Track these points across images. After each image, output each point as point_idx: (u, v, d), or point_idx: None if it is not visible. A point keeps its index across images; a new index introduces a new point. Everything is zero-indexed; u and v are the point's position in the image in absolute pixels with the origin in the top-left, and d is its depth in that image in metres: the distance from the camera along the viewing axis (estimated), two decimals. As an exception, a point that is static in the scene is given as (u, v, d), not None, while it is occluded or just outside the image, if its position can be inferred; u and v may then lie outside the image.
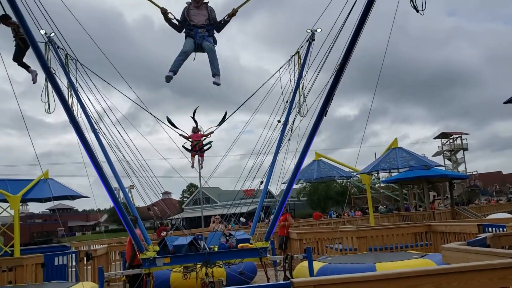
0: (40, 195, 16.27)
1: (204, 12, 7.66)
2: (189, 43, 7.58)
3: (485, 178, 69.99)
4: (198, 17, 7.60)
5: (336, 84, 7.65)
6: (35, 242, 62.09)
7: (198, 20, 7.60)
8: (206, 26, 7.62)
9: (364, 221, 27.71)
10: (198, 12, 7.62)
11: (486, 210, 35.13)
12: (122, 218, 8.12)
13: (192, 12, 7.60)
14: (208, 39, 7.65)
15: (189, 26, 7.57)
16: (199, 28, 7.56)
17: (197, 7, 7.63)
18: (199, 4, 7.64)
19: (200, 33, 7.56)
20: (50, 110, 10.04)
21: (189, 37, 7.62)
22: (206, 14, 7.66)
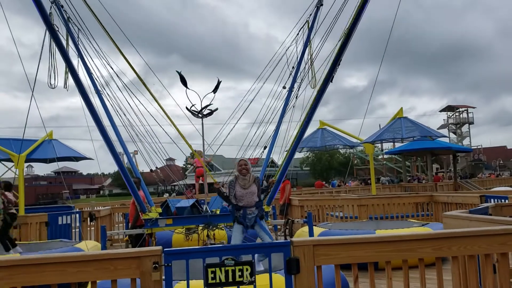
0: (44, 155, 16.34)
1: (253, 189, 6.75)
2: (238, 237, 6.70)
3: (490, 153, 69.91)
4: (247, 198, 6.71)
5: (344, 48, 7.55)
6: (40, 203, 62.92)
7: (247, 201, 6.70)
8: (256, 204, 6.76)
9: (365, 191, 27.83)
10: (246, 193, 6.70)
11: (489, 184, 35.16)
12: (125, 178, 8.17)
13: (239, 192, 6.71)
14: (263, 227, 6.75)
15: (237, 206, 6.72)
16: (248, 209, 6.71)
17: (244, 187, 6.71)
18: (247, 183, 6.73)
19: (249, 215, 6.67)
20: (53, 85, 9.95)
21: (238, 222, 6.74)
22: (255, 190, 6.77)
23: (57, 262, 3.62)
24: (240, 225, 6.70)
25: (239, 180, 6.76)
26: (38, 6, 6.93)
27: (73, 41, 10.61)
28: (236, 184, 6.77)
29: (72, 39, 10.60)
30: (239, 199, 6.71)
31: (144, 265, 3.64)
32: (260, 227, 6.74)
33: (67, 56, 7.74)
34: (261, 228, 6.74)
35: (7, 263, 3.59)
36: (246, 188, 6.72)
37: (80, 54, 10.59)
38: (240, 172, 6.77)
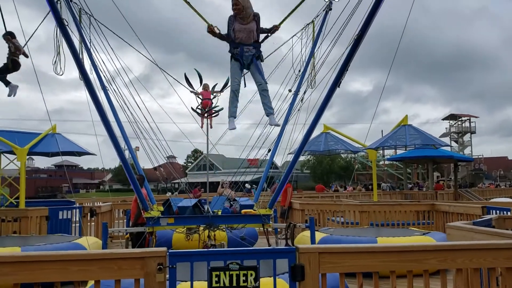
0: (47, 149, 16.35)
1: (252, 26, 6.81)
2: (236, 76, 6.89)
3: (490, 163, 69.84)
4: (244, 34, 6.80)
5: (353, 54, 7.52)
6: (40, 196, 62.99)
7: (244, 38, 6.80)
8: (253, 44, 6.86)
9: (366, 197, 27.79)
10: (244, 29, 6.79)
11: (489, 194, 35.09)
12: (129, 175, 8.16)
13: (237, 27, 6.78)
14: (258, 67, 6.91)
15: (234, 43, 6.80)
16: (245, 46, 6.81)
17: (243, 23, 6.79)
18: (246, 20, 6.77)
19: (246, 52, 6.81)
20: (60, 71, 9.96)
21: (234, 59, 6.89)
22: (253, 29, 6.82)
23: (60, 260, 3.59)
24: (237, 62, 6.82)
25: (237, 19, 6.78)
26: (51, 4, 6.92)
27: (80, 35, 10.62)
28: (235, 21, 6.78)
29: (79, 32, 10.61)
30: (237, 32, 6.74)
31: (148, 266, 3.62)
32: (256, 67, 6.84)
33: (75, 49, 7.73)
34: (256, 69, 6.84)
35: (8, 259, 3.57)
36: (245, 24, 6.74)
37: (88, 49, 10.61)
38: (234, 12, 6.72)
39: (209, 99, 9.60)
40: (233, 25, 6.78)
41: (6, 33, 8.97)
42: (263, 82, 6.94)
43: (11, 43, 9.17)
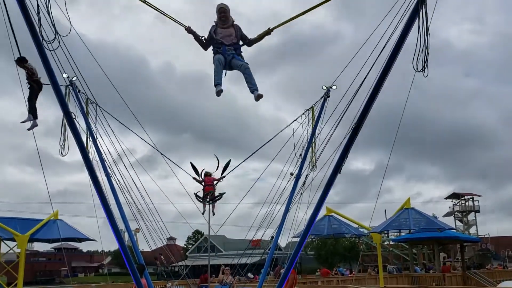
0: (48, 235, 16.22)
1: (231, 30, 7.62)
2: (219, 57, 7.49)
3: (498, 242, 68.30)
4: (225, 37, 7.56)
5: (352, 142, 7.69)
6: (37, 281, 61.24)
7: (225, 40, 7.55)
8: (234, 45, 7.59)
9: (371, 280, 26.98)
10: (225, 31, 7.58)
11: (499, 276, 34.01)
12: (129, 266, 8.02)
13: (219, 31, 7.55)
14: (238, 58, 7.60)
15: (217, 44, 7.53)
16: (227, 46, 7.51)
17: (224, 27, 7.60)
18: (226, 25, 7.61)
19: (228, 52, 7.51)
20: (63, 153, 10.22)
21: (218, 54, 7.54)
22: (233, 32, 7.62)
23: None
24: (220, 55, 7.41)
25: (219, 23, 7.56)
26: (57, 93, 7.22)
27: (86, 123, 10.95)
28: (217, 26, 7.56)
29: (85, 120, 10.96)
30: (219, 36, 7.50)
31: None
32: (236, 59, 7.46)
33: (81, 140, 7.93)
34: (237, 58, 7.45)
35: None
36: (225, 28, 7.53)
37: (93, 135, 10.90)
38: (220, 19, 7.52)
39: (211, 185, 9.70)
40: (215, 29, 7.58)
41: (19, 59, 9.12)
42: (244, 63, 7.54)
43: (26, 69, 9.40)
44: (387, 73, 6.82)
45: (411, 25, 6.34)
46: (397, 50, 6.61)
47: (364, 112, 7.31)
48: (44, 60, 6.61)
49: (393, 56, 6.66)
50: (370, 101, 7.15)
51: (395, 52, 6.64)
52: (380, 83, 6.93)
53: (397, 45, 6.59)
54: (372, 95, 7.08)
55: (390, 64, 6.72)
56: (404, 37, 6.49)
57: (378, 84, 6.94)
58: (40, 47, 6.46)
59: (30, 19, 6.31)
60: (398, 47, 6.58)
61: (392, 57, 6.67)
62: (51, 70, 6.75)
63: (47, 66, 6.69)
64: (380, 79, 6.90)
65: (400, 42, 6.55)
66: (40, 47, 6.46)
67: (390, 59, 6.69)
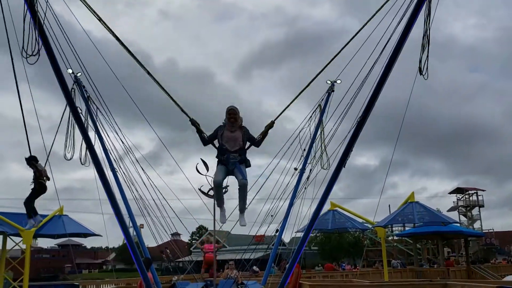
0: (53, 231, 16.30)
1: (238, 134, 7.50)
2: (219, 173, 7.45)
3: (502, 237, 68.19)
4: (231, 142, 7.45)
5: (356, 136, 7.69)
6: (41, 277, 61.54)
7: (231, 145, 7.42)
8: (239, 150, 7.46)
9: (376, 275, 27.01)
10: (231, 136, 7.45)
11: (503, 271, 33.97)
12: (136, 260, 8.06)
13: (226, 134, 7.45)
14: (240, 169, 7.45)
15: (222, 150, 7.42)
16: (232, 153, 7.40)
17: (231, 131, 7.47)
18: (234, 129, 7.48)
19: (232, 159, 7.41)
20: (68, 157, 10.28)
21: (221, 163, 7.49)
22: (239, 136, 7.50)
23: None
24: (223, 165, 7.43)
25: (227, 126, 7.51)
26: (63, 88, 7.24)
27: (92, 119, 10.98)
28: (225, 129, 7.52)
29: (90, 116, 10.98)
30: (225, 140, 7.46)
31: None
32: (238, 169, 7.39)
33: (88, 135, 7.96)
34: (239, 170, 7.39)
35: None
36: (233, 132, 7.47)
37: (98, 131, 10.93)
38: (229, 120, 7.48)
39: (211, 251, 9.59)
40: (222, 131, 7.50)
41: (30, 158, 9.55)
42: (244, 178, 7.42)
43: (34, 168, 9.73)
44: (390, 68, 6.82)
45: (415, 19, 6.32)
46: (400, 45, 6.60)
47: (369, 105, 7.31)
48: (50, 55, 6.62)
49: (397, 51, 6.65)
50: (375, 94, 7.15)
51: (398, 47, 6.63)
52: (384, 77, 6.93)
53: (400, 40, 6.58)
54: (377, 89, 7.08)
55: (394, 59, 6.72)
56: (407, 32, 6.49)
57: (383, 78, 6.94)
58: (47, 43, 6.47)
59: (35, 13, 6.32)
60: (401, 41, 6.58)
61: (395, 52, 6.66)
62: (57, 65, 6.76)
63: (52, 58, 6.69)
64: (384, 73, 6.90)
65: (403, 36, 6.54)
66: (46, 43, 6.46)
67: (394, 54, 6.69)
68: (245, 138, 7.56)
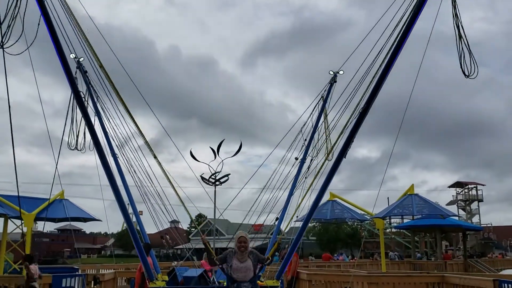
0: (54, 214, 16.38)
1: (248, 264, 7.18)
2: None
3: (500, 231, 68.44)
4: (242, 272, 7.14)
5: (358, 127, 7.72)
6: (41, 261, 61.87)
7: (242, 276, 7.13)
8: (250, 280, 7.19)
9: (373, 266, 27.18)
10: (241, 266, 7.14)
11: (500, 265, 34.18)
12: (136, 244, 8.14)
13: (235, 264, 7.14)
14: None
15: (232, 279, 7.15)
16: (243, 284, 7.14)
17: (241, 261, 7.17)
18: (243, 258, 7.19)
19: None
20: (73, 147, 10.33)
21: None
22: (250, 265, 7.19)
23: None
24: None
25: (237, 254, 7.15)
26: (68, 73, 7.26)
27: (93, 104, 11.00)
28: (234, 257, 7.16)
29: (92, 101, 11.01)
30: (234, 271, 7.09)
31: None
32: None
33: (90, 121, 8.00)
34: None
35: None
36: (242, 262, 7.11)
37: (99, 116, 10.97)
38: (239, 248, 7.14)
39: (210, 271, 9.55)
40: (232, 262, 7.18)
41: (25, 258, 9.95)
42: None
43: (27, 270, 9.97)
44: (394, 59, 6.82)
45: (420, 10, 6.33)
46: (404, 36, 6.60)
47: (371, 96, 7.33)
48: (54, 39, 6.63)
49: (401, 42, 6.66)
50: (377, 85, 7.16)
51: (403, 38, 6.63)
52: (387, 68, 6.93)
53: (404, 31, 6.59)
54: (380, 79, 7.09)
55: (397, 50, 6.72)
56: (411, 23, 6.49)
57: (386, 69, 6.95)
58: (51, 26, 6.48)
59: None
60: (406, 33, 6.58)
61: (399, 43, 6.67)
62: (61, 49, 6.77)
63: (57, 43, 6.70)
64: (388, 65, 6.91)
65: (407, 28, 6.55)
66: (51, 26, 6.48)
67: (398, 45, 6.69)
68: (255, 264, 7.28)
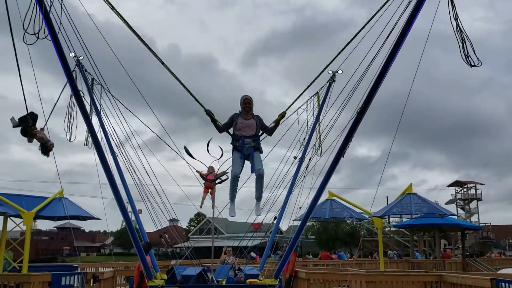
0: (53, 213, 16.43)
1: (252, 121, 7.77)
2: (236, 162, 7.69)
3: (499, 230, 68.59)
4: (246, 128, 7.72)
5: (356, 126, 7.74)
6: (40, 259, 62.00)
7: (246, 131, 7.72)
8: (253, 137, 7.74)
9: (372, 265, 27.27)
10: (246, 123, 7.73)
11: (498, 264, 34.29)
12: (135, 244, 8.17)
13: (240, 121, 7.72)
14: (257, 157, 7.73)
15: (236, 135, 7.71)
16: (246, 138, 7.68)
17: (246, 119, 7.76)
18: (248, 117, 7.77)
19: (247, 144, 7.69)
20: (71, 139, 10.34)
21: (236, 150, 7.76)
22: (254, 123, 7.78)
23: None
24: (238, 152, 7.69)
25: (242, 114, 7.79)
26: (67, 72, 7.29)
27: (93, 102, 11.01)
28: (239, 116, 7.79)
29: (92, 100, 11.02)
30: (239, 129, 7.72)
31: None
32: (254, 157, 7.64)
33: (89, 119, 8.02)
34: (255, 158, 7.65)
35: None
36: (247, 120, 7.75)
37: (99, 115, 10.98)
38: (244, 109, 7.77)
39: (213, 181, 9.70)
40: (236, 120, 7.75)
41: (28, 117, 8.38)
42: (261, 168, 7.69)
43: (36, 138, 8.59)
44: (392, 58, 6.84)
45: (419, 8, 6.34)
46: (403, 35, 6.62)
47: (369, 95, 7.34)
48: (54, 38, 6.65)
49: (399, 41, 6.67)
50: (376, 84, 7.17)
51: (401, 37, 6.65)
52: (386, 67, 6.95)
53: (403, 30, 6.60)
54: (378, 79, 7.11)
55: (396, 49, 6.73)
56: (410, 22, 6.50)
57: (384, 68, 6.97)
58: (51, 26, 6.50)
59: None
60: (404, 32, 6.59)
61: (398, 42, 6.68)
62: (61, 49, 6.79)
63: (56, 41, 6.72)
64: (386, 64, 6.92)
65: (406, 27, 6.56)
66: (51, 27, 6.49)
67: (396, 44, 6.70)
68: (259, 126, 7.82)
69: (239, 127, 7.71)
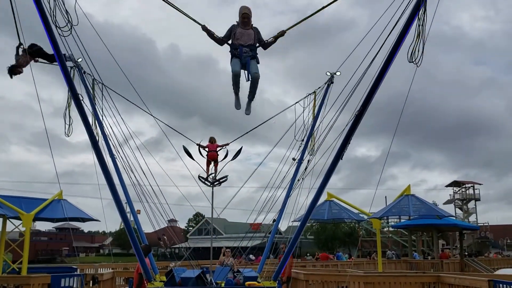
0: (52, 215, 16.46)
1: (250, 32, 7.96)
2: (236, 64, 7.87)
3: (497, 230, 68.68)
4: (244, 37, 7.91)
5: (354, 129, 7.77)
6: (39, 260, 61.95)
7: (244, 40, 7.91)
8: (250, 46, 7.92)
9: (370, 265, 27.30)
10: (244, 32, 7.92)
11: (496, 264, 34.33)
12: (134, 245, 8.20)
13: (239, 31, 7.90)
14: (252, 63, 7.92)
15: (234, 45, 7.88)
16: (244, 47, 7.86)
17: (244, 28, 7.95)
18: (248, 27, 7.95)
19: (244, 53, 7.87)
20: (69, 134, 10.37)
21: (235, 57, 7.93)
22: (252, 33, 7.97)
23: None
24: (237, 58, 7.82)
25: (240, 25, 7.91)
26: (66, 75, 7.33)
27: (92, 104, 11.04)
28: (238, 27, 7.90)
29: (91, 102, 11.04)
30: (237, 38, 7.86)
31: None
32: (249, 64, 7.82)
33: (88, 121, 8.04)
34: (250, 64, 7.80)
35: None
36: (245, 29, 7.88)
37: (99, 121, 10.99)
38: (242, 20, 7.89)
39: (215, 151, 9.86)
40: (235, 30, 7.92)
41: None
42: (257, 71, 7.92)
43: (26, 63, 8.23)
44: (391, 60, 6.87)
45: (417, 12, 6.37)
46: (401, 38, 6.65)
47: (367, 99, 7.38)
48: (53, 41, 6.69)
49: (397, 43, 6.70)
50: (373, 88, 7.20)
51: (400, 39, 6.68)
52: (384, 70, 6.98)
53: (401, 33, 6.64)
54: (376, 82, 7.13)
55: (394, 52, 6.77)
56: (408, 25, 6.53)
57: (382, 71, 7.00)
58: (50, 30, 6.54)
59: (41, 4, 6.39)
60: (403, 34, 6.63)
61: (396, 45, 6.71)
62: (59, 51, 6.83)
63: (56, 47, 6.76)
64: (384, 67, 6.95)
65: (404, 29, 6.59)
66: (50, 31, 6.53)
67: (394, 47, 6.74)
68: (256, 37, 8.00)
69: (238, 36, 7.89)
